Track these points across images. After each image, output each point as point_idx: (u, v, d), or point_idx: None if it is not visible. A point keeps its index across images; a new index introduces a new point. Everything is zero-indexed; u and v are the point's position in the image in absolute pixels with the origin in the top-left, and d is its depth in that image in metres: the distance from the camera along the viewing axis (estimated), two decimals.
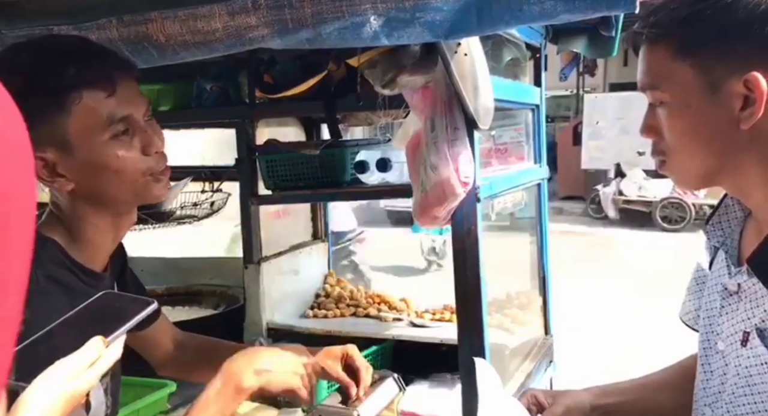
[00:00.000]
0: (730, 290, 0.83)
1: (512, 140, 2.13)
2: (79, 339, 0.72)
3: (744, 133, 0.74)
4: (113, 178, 0.90)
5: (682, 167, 0.81)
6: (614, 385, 1.06)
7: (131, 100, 0.91)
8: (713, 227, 0.88)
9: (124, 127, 0.90)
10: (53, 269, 0.89)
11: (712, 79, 0.74)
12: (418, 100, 1.42)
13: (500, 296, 2.00)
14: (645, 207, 9.57)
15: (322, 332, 1.96)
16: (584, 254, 7.70)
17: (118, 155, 0.89)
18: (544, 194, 2.04)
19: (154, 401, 1.58)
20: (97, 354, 0.71)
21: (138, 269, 2.58)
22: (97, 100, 0.87)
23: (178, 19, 1.12)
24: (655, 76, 0.79)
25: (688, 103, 0.76)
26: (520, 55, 1.87)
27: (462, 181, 1.24)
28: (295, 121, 2.18)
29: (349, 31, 1.06)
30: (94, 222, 0.94)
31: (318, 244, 2.31)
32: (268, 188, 1.85)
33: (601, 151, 10.61)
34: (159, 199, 0.98)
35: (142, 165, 0.92)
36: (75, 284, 0.92)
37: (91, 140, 0.88)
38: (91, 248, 0.95)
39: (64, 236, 0.93)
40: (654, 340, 4.50)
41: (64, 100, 0.85)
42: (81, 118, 0.86)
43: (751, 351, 0.77)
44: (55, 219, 0.95)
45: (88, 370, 0.70)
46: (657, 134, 0.81)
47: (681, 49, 0.75)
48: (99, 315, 0.77)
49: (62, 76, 0.85)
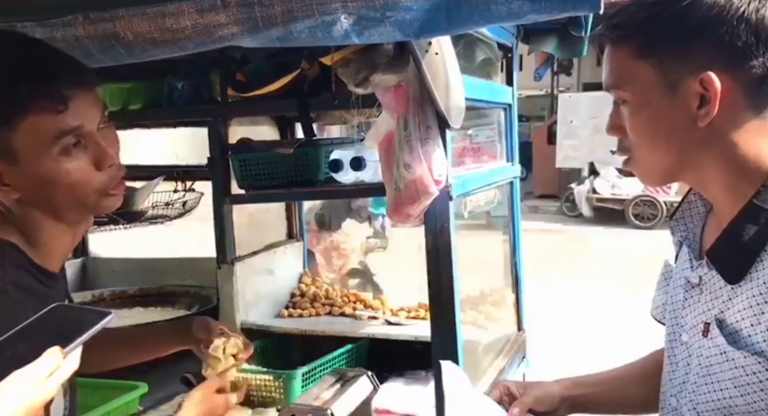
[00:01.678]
0: (692, 283, 0.85)
1: (487, 139, 2.15)
2: (34, 351, 0.70)
3: (701, 130, 0.77)
4: (63, 192, 0.87)
5: (644, 164, 0.83)
6: (585, 377, 1.08)
7: (84, 113, 0.86)
8: (677, 222, 0.90)
9: (74, 139, 0.85)
10: (16, 274, 0.87)
11: (671, 79, 0.77)
12: (390, 99, 1.42)
13: (474, 293, 2.02)
14: (618, 205, 9.73)
15: (297, 331, 1.95)
16: (559, 252, 7.81)
17: (68, 170, 0.85)
18: (516, 192, 2.06)
19: (125, 403, 1.56)
20: (56, 363, 0.70)
21: (110, 270, 2.56)
22: (45, 118, 0.83)
23: (146, 17, 1.10)
24: (618, 76, 0.81)
25: (648, 101, 0.78)
26: (492, 54, 1.88)
27: (435, 179, 1.25)
28: (269, 120, 2.17)
29: (320, 29, 1.06)
30: (47, 227, 0.91)
31: (293, 243, 2.30)
32: (241, 187, 1.84)
33: (575, 150, 10.75)
34: (109, 211, 0.95)
35: (94, 181, 0.88)
36: (36, 287, 0.90)
37: (39, 155, 0.84)
38: (47, 249, 0.93)
39: (20, 238, 0.91)
40: (626, 336, 4.58)
41: (11, 117, 0.82)
42: (28, 134, 0.83)
43: (711, 341, 0.79)
44: (8, 223, 0.91)
45: (48, 380, 0.69)
46: (622, 132, 0.83)
47: (642, 49, 0.78)
48: (53, 327, 0.74)
49: (10, 93, 0.81)
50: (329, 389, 1.56)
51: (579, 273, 6.77)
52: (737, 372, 0.75)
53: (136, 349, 1.25)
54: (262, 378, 1.71)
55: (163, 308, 2.25)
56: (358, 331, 1.92)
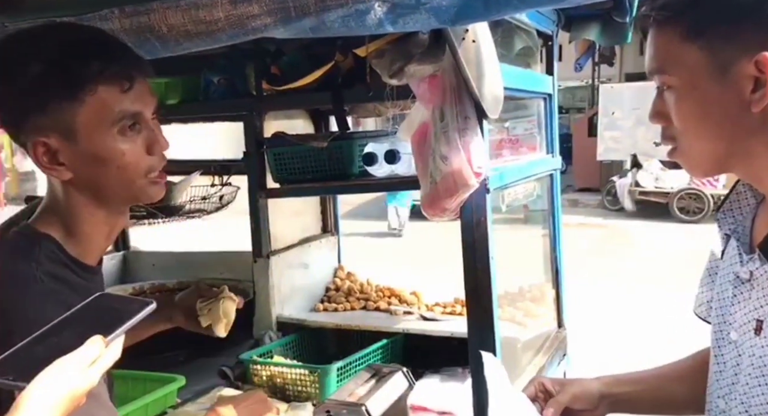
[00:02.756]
0: (742, 278, 0.81)
1: (525, 130, 2.09)
2: (77, 339, 0.70)
3: (755, 116, 0.73)
4: (114, 173, 0.89)
5: (691, 153, 0.79)
6: (627, 375, 1.04)
7: (144, 98, 0.90)
8: (724, 214, 0.87)
9: (131, 121, 0.89)
10: (51, 267, 0.89)
11: (721, 61, 0.73)
12: (425, 89, 1.39)
13: (512, 289, 1.97)
14: (662, 198, 9.44)
15: (332, 325, 1.95)
16: (600, 247, 7.62)
17: (123, 150, 0.88)
18: (556, 185, 2.00)
19: (163, 395, 1.58)
20: (98, 352, 0.70)
21: (150, 263, 2.61)
22: (111, 95, 0.87)
23: (179, 9, 1.10)
24: (663, 60, 0.78)
25: (695, 86, 0.75)
26: (531, 43, 1.83)
27: (475, 171, 1.21)
28: (304, 113, 2.16)
29: (353, 18, 1.03)
30: (89, 215, 0.93)
31: (328, 237, 2.29)
32: (276, 181, 1.84)
33: (616, 142, 10.48)
34: (153, 200, 0.97)
35: (143, 164, 0.91)
36: (73, 280, 0.91)
37: (99, 132, 0.87)
38: (87, 242, 0.94)
39: (60, 230, 0.92)
40: (670, 334, 4.44)
41: (80, 90, 0.85)
42: (92, 109, 0.86)
43: (765, 340, 0.76)
44: (50, 213, 0.93)
45: (89, 369, 0.69)
46: (666, 120, 0.80)
47: (689, 30, 0.74)
48: (96, 316, 0.75)
49: (83, 67, 0.85)
50: (364, 385, 1.55)
51: (621, 269, 6.59)
52: None
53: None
54: (297, 372, 1.71)
55: None
56: (393, 326, 1.90)
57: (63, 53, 0.86)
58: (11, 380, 0.67)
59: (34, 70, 0.84)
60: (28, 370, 0.67)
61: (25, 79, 0.85)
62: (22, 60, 0.86)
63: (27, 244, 0.89)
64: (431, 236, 5.50)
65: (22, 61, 0.86)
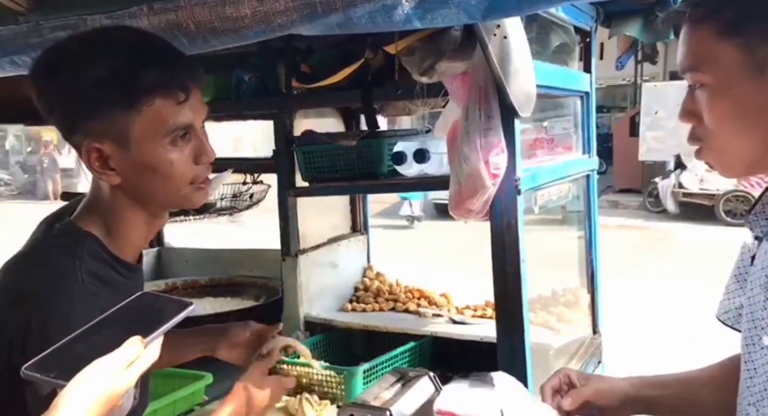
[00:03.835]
0: None
1: (562, 130, 2.03)
2: (117, 339, 0.70)
3: None
4: (161, 181, 0.90)
5: (724, 153, 0.78)
6: (657, 378, 1.02)
7: (197, 109, 0.91)
8: (756, 216, 0.85)
9: (183, 132, 0.90)
10: (94, 264, 0.90)
11: (758, 60, 0.72)
12: (457, 87, 1.36)
13: (546, 293, 1.92)
14: (707, 201, 9.13)
15: (359, 326, 1.93)
16: (641, 250, 7.41)
17: (172, 160, 0.89)
18: (593, 186, 1.94)
19: (191, 393, 1.58)
20: (136, 353, 0.70)
21: (183, 260, 2.64)
22: (168, 106, 0.87)
23: (207, 6, 1.09)
24: (697, 58, 0.76)
25: (731, 84, 0.74)
26: (568, 39, 1.77)
27: (491, 173, 1.17)
28: (334, 111, 2.15)
29: (380, 14, 1.01)
30: (130, 217, 0.94)
31: (357, 237, 2.27)
32: (305, 179, 1.82)
33: (659, 142, 10.18)
34: (195, 206, 0.98)
35: (190, 174, 0.92)
36: (114, 278, 0.92)
37: (151, 142, 0.88)
38: (126, 241, 0.95)
39: (101, 228, 0.93)
40: (711, 343, 4.27)
41: (138, 100, 0.86)
42: (148, 120, 0.87)
43: None
44: (92, 211, 0.95)
45: (127, 370, 0.69)
46: (697, 119, 0.79)
47: (726, 28, 0.73)
48: (137, 316, 0.75)
49: (143, 77, 0.86)
50: (389, 389, 1.51)
51: (662, 273, 6.39)
52: None
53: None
54: (323, 373, 1.70)
55: (231, 298, 2.29)
56: (421, 329, 1.87)
57: (124, 61, 0.86)
58: (52, 377, 0.67)
59: (94, 75, 0.85)
60: (68, 368, 0.67)
61: (85, 84, 0.85)
62: (84, 64, 0.86)
63: (71, 241, 0.91)
64: (451, 233, 5.43)
65: (83, 66, 0.86)
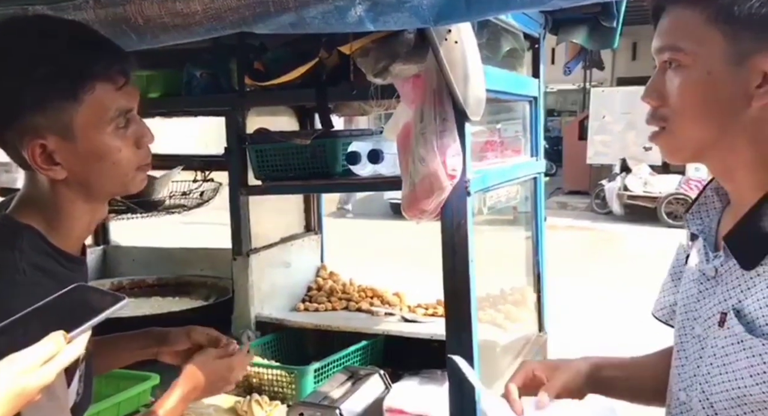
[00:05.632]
0: (707, 275, 0.84)
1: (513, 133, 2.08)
2: (41, 332, 0.67)
3: (751, 110, 0.74)
4: (109, 169, 0.90)
5: (679, 136, 0.80)
6: (613, 359, 1.06)
7: (134, 94, 0.92)
8: (692, 216, 0.90)
9: (124, 120, 0.90)
10: (35, 257, 0.87)
11: (740, 51, 0.73)
12: (408, 89, 1.37)
13: (494, 291, 1.96)
14: (650, 203, 9.48)
15: (311, 326, 1.93)
16: (587, 250, 7.64)
17: (119, 146, 0.89)
18: (540, 188, 1.99)
19: (137, 393, 1.55)
20: (56, 349, 0.67)
21: (130, 259, 2.57)
22: (108, 92, 0.87)
23: (156, 1, 1.08)
24: (681, 37, 0.76)
25: (708, 70, 0.75)
26: (518, 45, 1.81)
27: (449, 173, 1.20)
28: (289, 110, 2.14)
29: (333, 15, 1.02)
30: (72, 209, 0.92)
31: (311, 236, 2.27)
32: (257, 178, 1.81)
33: (606, 146, 10.52)
34: (139, 189, 0.98)
35: (134, 158, 0.92)
36: (58, 270, 0.90)
37: (96, 131, 0.87)
38: (69, 233, 0.93)
39: (41, 221, 0.91)
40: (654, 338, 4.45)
41: (79, 90, 0.85)
42: (90, 108, 0.86)
43: (728, 331, 0.78)
44: (29, 205, 0.92)
45: (43, 366, 0.66)
46: (661, 99, 0.80)
47: (719, 14, 0.74)
48: (68, 308, 0.73)
49: (82, 65, 0.85)
50: (340, 387, 1.53)
51: (607, 272, 6.61)
52: (754, 360, 0.74)
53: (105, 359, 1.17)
54: (274, 372, 1.69)
55: (180, 298, 2.25)
56: (373, 327, 1.89)
57: (65, 52, 0.84)
58: None
59: (34, 69, 0.83)
60: None
61: (24, 78, 0.83)
62: (19, 58, 0.84)
63: (9, 234, 0.88)
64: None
65: (19, 59, 0.84)
